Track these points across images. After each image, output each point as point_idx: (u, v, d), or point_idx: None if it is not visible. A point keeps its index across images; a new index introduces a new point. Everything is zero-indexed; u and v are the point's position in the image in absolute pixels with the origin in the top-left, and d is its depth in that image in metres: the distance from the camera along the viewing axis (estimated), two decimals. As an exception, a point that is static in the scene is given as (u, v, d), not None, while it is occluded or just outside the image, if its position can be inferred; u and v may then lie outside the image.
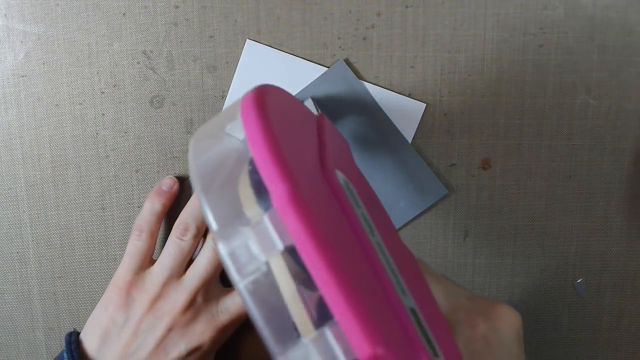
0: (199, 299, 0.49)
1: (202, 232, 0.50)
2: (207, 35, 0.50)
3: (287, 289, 0.30)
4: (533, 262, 0.53)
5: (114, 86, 0.51)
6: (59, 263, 0.55)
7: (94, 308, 0.51)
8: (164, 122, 0.52)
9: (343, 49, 0.50)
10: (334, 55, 0.50)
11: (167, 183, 0.51)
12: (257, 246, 0.29)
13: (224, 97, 0.51)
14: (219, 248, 0.30)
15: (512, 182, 0.52)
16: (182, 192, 0.53)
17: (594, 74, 0.50)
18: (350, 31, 0.50)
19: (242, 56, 0.50)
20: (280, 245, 0.29)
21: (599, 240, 0.53)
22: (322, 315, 0.29)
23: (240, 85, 0.51)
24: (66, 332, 0.56)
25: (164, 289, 0.49)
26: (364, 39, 0.50)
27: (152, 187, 0.53)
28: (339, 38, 0.50)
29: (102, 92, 0.52)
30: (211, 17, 0.50)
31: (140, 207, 0.53)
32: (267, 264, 0.30)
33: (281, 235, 0.29)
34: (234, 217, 0.31)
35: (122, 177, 0.53)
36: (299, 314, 0.30)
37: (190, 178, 0.31)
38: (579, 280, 0.54)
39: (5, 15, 0.50)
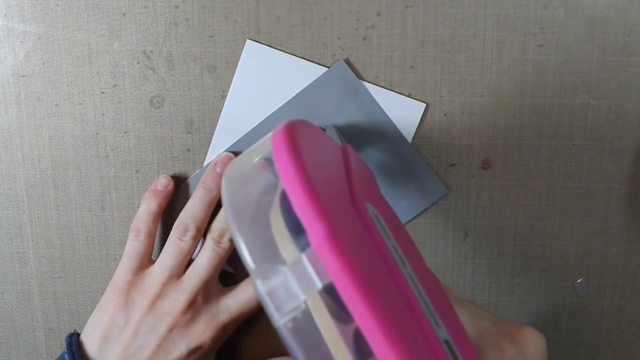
0: (199, 298, 0.49)
1: (202, 233, 0.50)
2: (207, 35, 0.50)
3: (326, 326, 0.30)
4: (533, 262, 0.53)
5: (114, 86, 0.51)
6: (59, 263, 0.55)
7: (94, 308, 0.51)
8: (164, 122, 0.52)
9: (343, 49, 0.50)
10: (334, 55, 0.50)
11: (162, 182, 0.51)
12: (296, 285, 0.30)
13: (224, 97, 0.51)
14: (257, 286, 0.30)
15: (512, 182, 0.52)
16: (181, 193, 0.53)
17: (594, 74, 0.50)
18: (350, 31, 0.50)
19: (242, 56, 0.50)
20: (319, 284, 0.29)
21: (599, 240, 0.53)
22: (361, 352, 0.29)
23: (241, 85, 0.51)
24: (66, 332, 0.56)
25: (164, 289, 0.49)
26: (364, 39, 0.50)
27: (152, 187, 0.53)
28: (339, 38, 0.50)
29: (102, 92, 0.52)
30: (211, 17, 0.50)
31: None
32: (306, 302, 0.30)
33: (319, 274, 0.29)
34: (270, 255, 0.31)
35: (122, 177, 0.53)
36: (340, 350, 0.30)
37: (225, 215, 0.31)
38: (579, 280, 0.54)
39: (5, 15, 0.50)
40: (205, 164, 0.52)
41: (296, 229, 0.31)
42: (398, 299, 0.32)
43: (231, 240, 0.49)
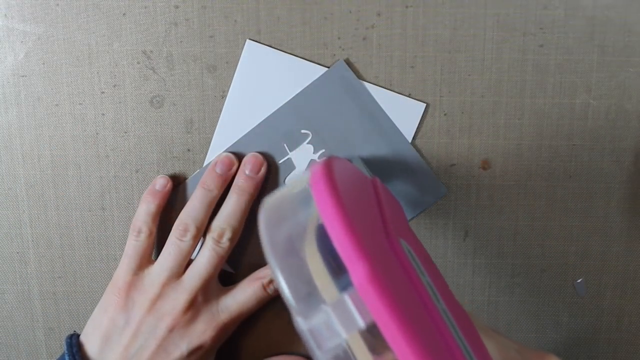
0: (199, 298, 0.49)
1: (202, 233, 0.50)
2: (207, 35, 0.50)
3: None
4: (533, 262, 0.53)
5: (114, 86, 0.51)
6: (59, 263, 0.55)
7: (94, 308, 0.51)
8: (164, 122, 0.52)
9: (343, 49, 0.50)
10: (334, 55, 0.50)
11: (161, 182, 0.51)
12: (338, 324, 0.30)
13: (224, 97, 0.51)
14: (299, 324, 0.30)
15: (512, 182, 0.52)
16: (180, 193, 0.53)
17: (594, 74, 0.50)
18: (350, 31, 0.50)
19: (242, 56, 0.50)
20: (361, 324, 0.29)
21: (599, 240, 0.53)
22: None
23: (241, 85, 0.51)
24: (66, 332, 0.56)
25: (164, 289, 0.49)
26: (364, 39, 0.50)
27: (152, 187, 0.53)
28: (339, 38, 0.50)
29: (102, 92, 0.52)
30: (211, 17, 0.50)
31: (140, 207, 0.53)
32: (347, 340, 0.30)
33: (362, 314, 0.30)
34: (309, 293, 0.31)
35: (122, 177, 0.53)
36: None
37: (265, 253, 0.31)
38: (579, 280, 0.54)
39: (5, 15, 0.50)
40: (205, 164, 0.52)
41: (336, 266, 0.31)
42: (435, 334, 0.32)
43: (230, 240, 0.49)
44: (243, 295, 0.50)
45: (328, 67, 0.50)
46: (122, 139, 0.52)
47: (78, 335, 0.51)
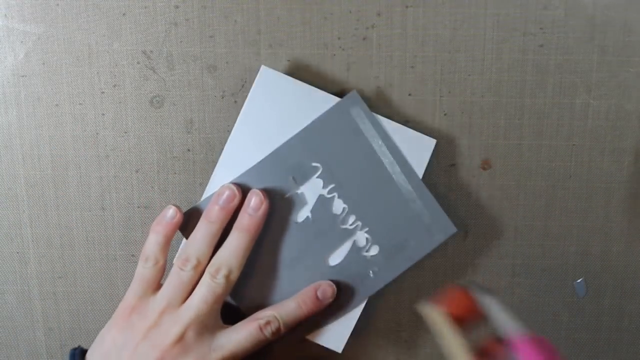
0: (190, 333, 0.48)
1: (204, 264, 0.49)
2: (207, 35, 0.50)
3: None
4: (533, 262, 0.53)
5: (114, 86, 0.51)
6: (59, 263, 0.55)
7: (94, 308, 0.51)
8: (164, 122, 0.52)
9: (343, 49, 0.50)
10: (334, 55, 0.50)
11: (170, 214, 0.50)
12: None
13: (224, 97, 0.51)
14: None
15: (512, 182, 0.52)
16: (191, 220, 0.52)
17: (594, 74, 0.50)
18: (350, 31, 0.50)
19: (255, 82, 0.50)
20: None
21: (599, 240, 0.53)
22: None
23: (252, 111, 0.50)
24: (66, 332, 0.56)
25: (160, 318, 0.48)
26: (364, 39, 0.50)
27: (152, 187, 0.53)
28: (339, 38, 0.50)
29: (102, 92, 0.52)
30: (211, 17, 0.50)
31: (140, 207, 0.53)
32: None
33: None
34: None
35: (122, 177, 0.53)
36: None
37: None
38: (579, 280, 0.54)
39: (5, 15, 0.50)
40: (206, 192, 0.52)
41: None
42: None
43: (226, 277, 0.49)
44: (237, 335, 0.49)
45: (341, 98, 0.50)
46: (122, 139, 0.52)
47: (82, 350, 0.51)
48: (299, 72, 0.51)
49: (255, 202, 0.50)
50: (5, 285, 0.56)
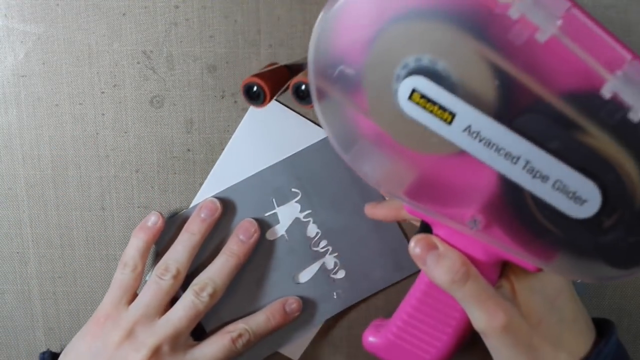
0: (166, 347, 0.48)
1: (183, 275, 0.50)
2: (207, 35, 0.50)
3: None
4: (533, 262, 0.53)
5: (114, 86, 0.51)
6: (59, 263, 0.55)
7: (94, 308, 0.51)
8: (164, 122, 0.52)
9: (343, 49, 0.50)
10: (334, 55, 0.50)
11: (152, 219, 0.51)
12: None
13: (224, 97, 0.51)
14: None
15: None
16: (171, 230, 0.53)
17: (594, 74, 0.50)
18: (350, 31, 0.50)
19: (250, 109, 0.51)
20: None
21: (599, 240, 0.53)
22: None
23: (243, 134, 0.51)
24: (66, 332, 0.56)
25: (135, 327, 0.48)
26: (364, 39, 0.50)
27: (152, 187, 0.53)
28: (339, 38, 0.50)
29: (102, 92, 0.52)
30: (211, 17, 0.50)
31: (140, 207, 0.53)
32: None
33: None
34: None
35: (122, 177, 0.53)
36: None
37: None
38: (579, 280, 0.53)
39: (5, 15, 0.50)
40: (192, 205, 0.52)
41: None
42: None
43: (210, 296, 0.49)
44: (211, 349, 0.49)
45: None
46: (122, 139, 0.52)
47: (51, 353, 0.51)
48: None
49: (248, 229, 0.51)
50: (5, 285, 0.56)
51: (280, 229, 0.52)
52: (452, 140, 0.35)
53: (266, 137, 0.51)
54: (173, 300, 0.50)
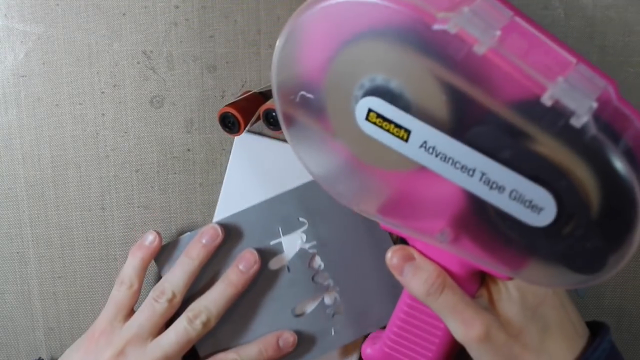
0: None
1: (179, 300, 0.49)
2: (207, 35, 0.50)
3: None
4: (533, 262, 0.53)
5: (114, 86, 0.51)
6: (59, 263, 0.55)
7: (94, 308, 0.51)
8: (164, 122, 0.52)
9: (343, 49, 0.50)
10: (334, 55, 0.50)
11: (149, 238, 0.51)
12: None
13: (224, 97, 0.51)
14: None
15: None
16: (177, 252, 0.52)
17: (594, 74, 0.50)
18: (350, 31, 0.50)
19: (233, 149, 0.51)
20: None
21: (599, 240, 0.53)
22: None
23: (236, 173, 0.52)
24: (66, 332, 0.56)
25: (127, 347, 0.48)
26: (364, 39, 0.50)
27: (152, 187, 0.53)
28: (339, 38, 0.50)
29: (102, 92, 0.52)
30: (211, 17, 0.50)
31: (140, 207, 0.54)
32: None
33: None
34: None
35: (122, 177, 0.53)
36: None
37: None
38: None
39: (5, 15, 0.50)
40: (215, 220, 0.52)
41: None
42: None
43: (204, 324, 0.49)
44: None
45: None
46: (122, 139, 0.52)
47: None
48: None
49: (248, 260, 0.50)
50: (5, 285, 0.56)
51: (283, 259, 0.52)
52: (410, 157, 0.36)
53: (259, 171, 0.52)
54: (170, 321, 0.50)
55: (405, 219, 0.39)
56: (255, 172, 0.52)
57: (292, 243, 0.52)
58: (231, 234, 0.51)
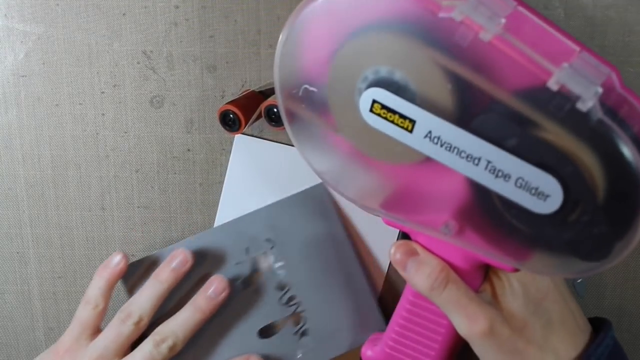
0: None
1: (146, 322, 0.48)
2: (207, 35, 0.50)
3: None
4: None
5: (114, 86, 0.51)
6: (59, 263, 0.55)
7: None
8: (164, 122, 0.52)
9: (343, 49, 0.50)
10: (334, 55, 0.50)
11: (115, 260, 0.49)
12: None
13: (224, 97, 0.51)
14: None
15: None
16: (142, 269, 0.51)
17: (594, 74, 0.50)
18: (350, 31, 0.50)
19: (233, 149, 0.51)
20: None
21: (599, 240, 0.53)
22: None
23: (236, 174, 0.52)
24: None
25: None
26: (364, 39, 0.50)
27: (152, 187, 0.53)
28: (339, 38, 0.50)
29: (102, 92, 0.52)
30: (211, 17, 0.50)
31: (140, 207, 0.53)
32: None
33: None
34: None
35: (122, 177, 0.53)
36: None
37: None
38: (579, 280, 0.54)
39: (5, 15, 0.50)
40: (216, 222, 0.52)
41: None
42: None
43: (170, 349, 0.48)
44: None
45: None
46: (122, 139, 0.52)
47: None
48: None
49: (217, 287, 0.49)
50: (5, 285, 0.56)
51: (251, 280, 0.51)
52: (415, 148, 0.36)
53: (257, 177, 0.52)
54: (137, 341, 0.49)
55: (409, 213, 0.39)
56: (256, 173, 0.52)
57: (260, 264, 0.51)
58: (200, 254, 0.50)
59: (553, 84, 0.32)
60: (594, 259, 0.35)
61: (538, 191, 0.34)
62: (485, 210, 0.36)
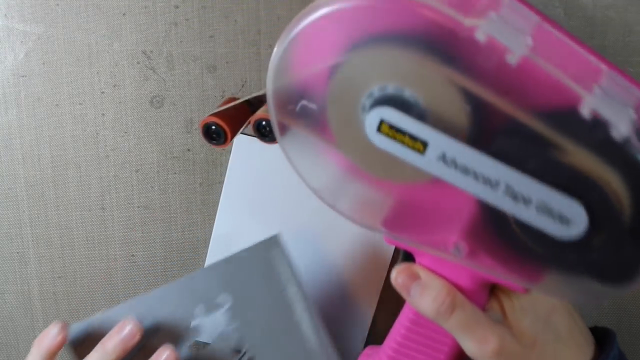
0: None
1: None
2: (207, 35, 0.50)
3: None
4: (533, 262, 0.53)
5: (114, 86, 0.52)
6: (59, 263, 0.55)
7: (94, 308, 0.51)
8: (164, 122, 0.52)
9: (343, 49, 0.50)
10: (334, 55, 0.50)
11: (52, 332, 0.45)
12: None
13: (224, 97, 0.51)
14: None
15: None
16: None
17: (594, 74, 0.50)
18: (350, 31, 0.50)
19: (233, 149, 0.51)
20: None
21: (599, 240, 0.53)
22: None
23: (235, 180, 0.52)
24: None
25: None
26: (364, 39, 0.50)
27: (152, 187, 0.53)
28: (339, 38, 0.50)
29: (102, 92, 0.52)
30: (211, 17, 0.50)
31: (140, 207, 0.54)
32: None
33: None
34: None
35: (122, 177, 0.53)
36: None
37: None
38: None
39: (5, 15, 0.50)
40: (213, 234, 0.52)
41: None
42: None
43: None
44: None
45: None
46: (122, 139, 0.52)
47: None
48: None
49: (167, 358, 0.45)
50: (5, 285, 0.56)
51: (204, 342, 0.48)
52: (426, 170, 0.33)
53: (257, 178, 0.52)
54: None
55: (415, 233, 0.37)
56: (256, 173, 0.52)
57: (214, 324, 0.48)
58: (149, 315, 0.47)
59: (585, 111, 0.30)
60: (618, 282, 0.34)
61: (561, 216, 0.32)
62: (500, 233, 0.35)
